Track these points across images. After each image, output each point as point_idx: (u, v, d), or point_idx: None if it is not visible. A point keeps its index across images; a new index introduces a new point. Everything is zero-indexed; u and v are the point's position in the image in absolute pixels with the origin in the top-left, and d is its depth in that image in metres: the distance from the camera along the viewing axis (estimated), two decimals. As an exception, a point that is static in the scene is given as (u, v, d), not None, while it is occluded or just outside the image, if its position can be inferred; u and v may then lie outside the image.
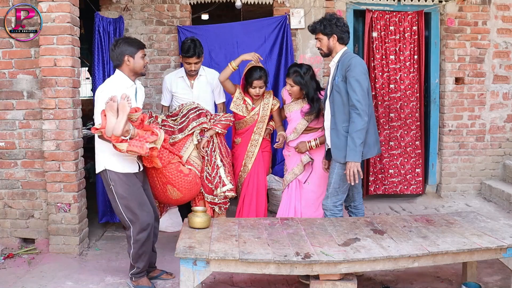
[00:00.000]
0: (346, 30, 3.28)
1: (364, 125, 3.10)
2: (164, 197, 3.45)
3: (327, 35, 3.27)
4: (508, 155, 5.22)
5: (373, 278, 3.29)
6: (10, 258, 3.64)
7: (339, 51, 3.30)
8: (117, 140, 2.78)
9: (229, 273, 3.28)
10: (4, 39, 3.68)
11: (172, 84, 3.97)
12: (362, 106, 3.09)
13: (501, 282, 3.20)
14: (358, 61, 3.17)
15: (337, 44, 3.29)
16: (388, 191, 5.07)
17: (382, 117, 4.99)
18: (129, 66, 3.03)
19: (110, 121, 2.77)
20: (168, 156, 3.20)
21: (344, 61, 3.21)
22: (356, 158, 3.11)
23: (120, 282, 3.26)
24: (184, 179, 3.36)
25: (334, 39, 3.27)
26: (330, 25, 3.25)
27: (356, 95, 3.10)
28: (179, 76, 3.96)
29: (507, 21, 5.04)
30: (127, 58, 3.02)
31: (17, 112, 3.74)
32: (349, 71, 3.13)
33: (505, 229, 2.95)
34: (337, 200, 3.30)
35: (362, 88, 3.11)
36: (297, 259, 2.50)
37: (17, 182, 3.80)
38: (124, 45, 3.03)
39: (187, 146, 3.60)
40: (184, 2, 4.81)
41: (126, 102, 2.77)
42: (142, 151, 2.80)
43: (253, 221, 3.15)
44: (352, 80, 3.12)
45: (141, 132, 2.89)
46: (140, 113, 2.94)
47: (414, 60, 4.94)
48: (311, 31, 3.37)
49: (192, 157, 3.61)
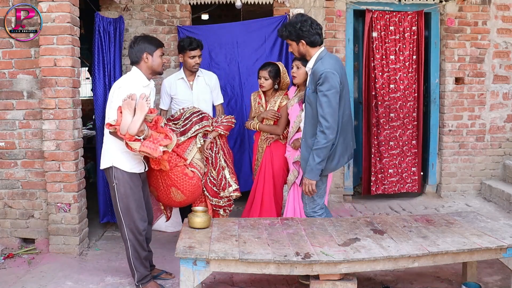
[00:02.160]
0: (315, 32, 3.03)
1: (326, 144, 2.96)
2: (167, 199, 3.44)
3: (294, 41, 3.09)
4: (508, 155, 5.22)
5: (373, 278, 3.29)
6: (10, 258, 3.64)
7: (313, 55, 3.09)
8: (131, 138, 2.78)
9: (229, 273, 3.28)
10: (4, 39, 3.68)
11: (171, 87, 3.95)
12: (327, 123, 2.93)
13: (501, 282, 3.20)
14: (329, 74, 2.92)
15: (308, 48, 3.08)
16: (387, 190, 5.08)
17: (382, 117, 4.99)
18: (147, 64, 3.02)
19: (126, 118, 2.77)
20: (176, 159, 3.21)
21: (316, 71, 3.00)
22: (312, 176, 3.03)
23: (120, 282, 3.26)
24: (189, 182, 3.35)
25: (303, 44, 3.07)
26: (295, 31, 3.04)
27: (323, 111, 2.94)
28: (178, 78, 3.95)
29: (507, 21, 5.05)
30: (146, 56, 3.01)
31: (17, 112, 3.74)
32: (319, 85, 2.95)
33: (505, 229, 2.95)
34: (315, 206, 3.23)
35: (330, 104, 2.93)
36: (297, 259, 2.50)
37: (17, 182, 3.80)
38: (143, 42, 3.03)
39: (190, 149, 3.58)
40: (184, 2, 4.81)
41: (145, 102, 2.78)
42: (155, 154, 2.80)
43: (253, 221, 3.15)
44: (320, 95, 2.95)
45: (155, 134, 2.89)
46: (155, 115, 2.95)
47: (413, 60, 4.95)
48: (279, 37, 3.22)
49: (195, 160, 3.59)
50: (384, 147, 5.02)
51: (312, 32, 3.03)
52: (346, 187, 5.10)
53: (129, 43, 3.10)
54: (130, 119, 2.77)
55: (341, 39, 4.94)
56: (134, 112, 2.79)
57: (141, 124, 2.77)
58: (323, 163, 3.02)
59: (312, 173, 3.03)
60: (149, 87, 3.09)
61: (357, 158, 5.31)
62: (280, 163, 3.88)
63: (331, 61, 3.03)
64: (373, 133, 5.02)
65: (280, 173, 3.91)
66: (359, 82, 5.25)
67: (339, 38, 4.93)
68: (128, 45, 3.12)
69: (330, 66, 2.97)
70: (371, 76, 4.94)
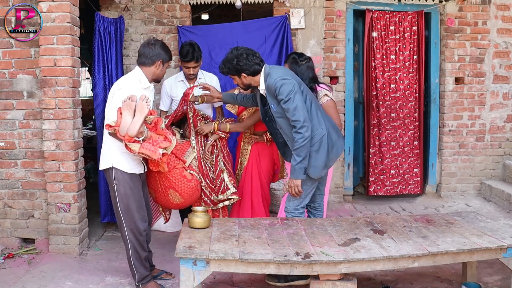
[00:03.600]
0: (253, 63, 3.09)
1: (304, 141, 2.98)
2: (165, 201, 3.43)
3: (236, 75, 3.17)
4: (508, 155, 5.22)
5: (373, 278, 3.29)
6: (10, 258, 3.64)
7: (259, 80, 3.15)
8: (130, 140, 2.78)
9: (229, 273, 3.28)
10: (4, 39, 3.68)
11: (172, 88, 3.94)
12: (300, 123, 2.97)
13: (501, 282, 3.20)
14: (281, 81, 2.98)
15: (251, 78, 3.15)
16: (390, 192, 5.07)
17: (383, 117, 4.99)
18: (155, 71, 3.02)
19: (126, 120, 2.77)
20: (175, 162, 3.20)
21: (269, 85, 3.06)
22: (295, 176, 3.06)
23: (120, 282, 3.26)
24: (187, 185, 3.33)
25: (245, 77, 3.14)
26: (233, 67, 3.12)
27: (292, 114, 2.98)
28: (178, 80, 3.93)
29: (507, 21, 5.05)
30: (159, 63, 3.01)
31: (17, 112, 3.74)
32: (278, 96, 3.01)
33: (505, 229, 2.95)
34: (299, 204, 3.23)
35: (295, 105, 2.96)
36: (297, 259, 2.50)
37: (17, 182, 3.80)
38: (162, 49, 3.03)
39: (189, 151, 3.58)
40: (184, 2, 4.81)
41: (145, 104, 2.78)
42: (155, 156, 2.80)
43: (253, 221, 3.15)
44: (283, 103, 3.00)
45: (154, 136, 2.89)
46: (155, 116, 2.95)
47: (413, 60, 4.95)
48: (221, 73, 3.28)
49: (194, 162, 3.57)
50: (385, 147, 5.02)
51: (250, 64, 3.10)
52: (346, 187, 5.11)
53: (145, 42, 3.09)
54: (130, 121, 2.77)
55: (341, 39, 4.94)
56: (134, 113, 2.79)
57: (141, 126, 2.77)
58: (304, 161, 3.04)
59: (296, 173, 3.06)
60: (149, 89, 3.08)
61: (357, 158, 5.31)
62: (266, 162, 3.92)
63: (278, 70, 3.11)
64: (374, 134, 5.01)
65: (267, 170, 3.94)
66: (359, 82, 5.25)
67: (339, 38, 4.93)
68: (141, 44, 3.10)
69: (279, 75, 3.04)
70: (372, 76, 4.94)
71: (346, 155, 5.09)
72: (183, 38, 4.69)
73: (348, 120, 5.07)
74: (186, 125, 3.69)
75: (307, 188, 3.20)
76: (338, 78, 4.99)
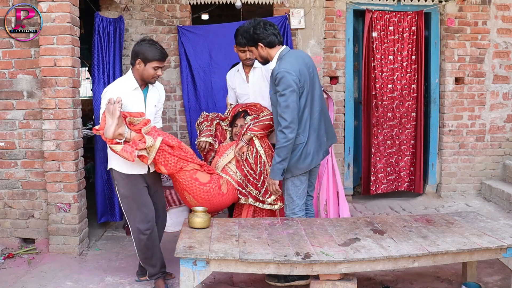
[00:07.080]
0: (271, 33, 3.03)
1: (286, 143, 2.94)
2: (186, 202, 3.34)
3: (253, 46, 3.10)
4: (508, 155, 5.23)
5: (373, 278, 3.29)
6: (10, 258, 3.64)
7: (274, 56, 3.09)
8: (112, 142, 2.81)
9: (229, 273, 3.28)
10: (4, 39, 3.68)
11: (232, 80, 3.74)
12: (286, 122, 2.92)
13: (501, 282, 3.20)
14: (284, 74, 2.92)
15: (268, 50, 3.08)
16: (386, 189, 5.09)
17: (382, 117, 5.00)
18: (138, 71, 3.00)
19: (108, 123, 2.79)
20: (177, 163, 3.04)
21: (273, 72, 3.01)
22: (273, 176, 3.04)
23: (120, 282, 3.26)
24: (200, 188, 3.17)
25: (262, 48, 3.07)
26: (250, 36, 3.06)
27: (281, 110, 2.94)
28: (236, 70, 3.74)
29: (507, 21, 5.05)
30: (139, 62, 2.97)
31: (17, 112, 3.74)
32: (276, 86, 2.96)
33: (505, 229, 2.95)
34: (294, 207, 3.17)
35: (287, 103, 2.91)
36: (297, 259, 2.50)
37: (17, 182, 3.80)
38: (143, 47, 2.96)
39: (227, 153, 3.44)
40: (184, 2, 4.81)
41: (116, 106, 2.76)
42: (131, 158, 2.79)
43: (253, 221, 3.15)
44: (278, 95, 2.96)
45: (136, 137, 2.87)
46: (143, 118, 2.92)
47: (412, 60, 4.95)
48: (240, 46, 3.24)
49: (230, 165, 3.41)
50: (383, 146, 5.03)
51: (267, 33, 3.04)
52: (346, 187, 5.10)
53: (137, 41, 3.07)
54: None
55: (341, 39, 4.94)
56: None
57: (116, 128, 2.77)
58: (284, 162, 3.00)
59: (273, 173, 3.04)
60: (138, 91, 3.05)
61: (357, 158, 5.31)
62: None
63: (291, 59, 3.02)
64: (373, 133, 5.02)
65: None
66: (359, 82, 5.25)
67: (339, 38, 4.94)
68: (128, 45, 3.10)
69: (287, 66, 2.95)
70: (371, 76, 4.94)
71: (346, 155, 5.09)
72: (183, 38, 4.70)
73: (348, 120, 5.08)
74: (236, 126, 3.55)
75: (299, 186, 3.15)
76: (338, 78, 4.99)
